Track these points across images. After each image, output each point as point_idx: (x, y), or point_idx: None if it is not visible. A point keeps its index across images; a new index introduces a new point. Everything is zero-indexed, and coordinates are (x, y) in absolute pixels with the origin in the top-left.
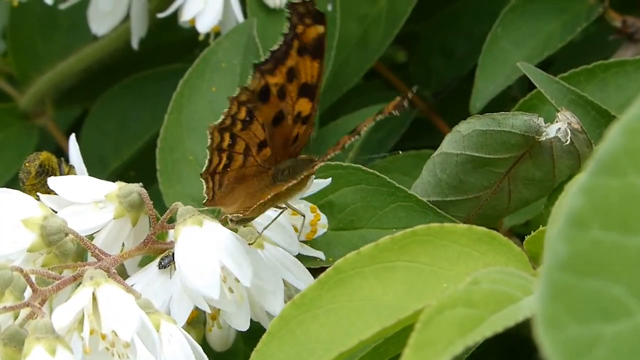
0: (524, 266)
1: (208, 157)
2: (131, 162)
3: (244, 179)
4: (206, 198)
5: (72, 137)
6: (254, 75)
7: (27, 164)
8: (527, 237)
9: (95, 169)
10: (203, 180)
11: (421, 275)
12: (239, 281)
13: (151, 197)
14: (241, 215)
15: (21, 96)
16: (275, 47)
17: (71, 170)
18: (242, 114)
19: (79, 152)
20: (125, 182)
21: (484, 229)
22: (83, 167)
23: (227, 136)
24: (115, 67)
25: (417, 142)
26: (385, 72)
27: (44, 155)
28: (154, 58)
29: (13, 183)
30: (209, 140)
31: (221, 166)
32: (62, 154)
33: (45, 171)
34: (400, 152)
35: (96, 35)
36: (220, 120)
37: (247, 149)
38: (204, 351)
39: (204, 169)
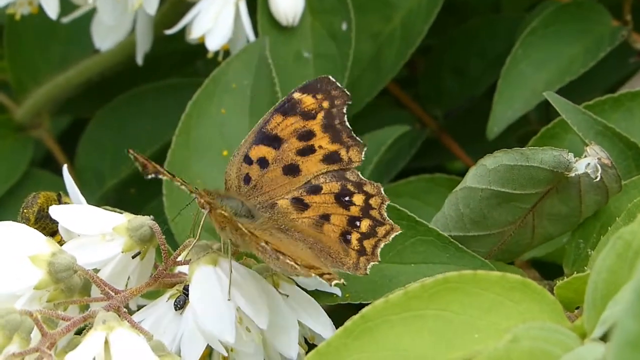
0: (558, 315)
1: None
2: (129, 180)
3: None
4: None
5: (65, 168)
6: None
7: (25, 211)
8: (558, 282)
9: (91, 186)
10: None
11: (452, 325)
12: None
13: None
14: None
15: (17, 107)
16: None
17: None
18: None
19: (75, 186)
20: (125, 199)
21: (517, 276)
22: (82, 199)
23: None
24: (114, 79)
25: (425, 162)
26: (396, 89)
27: (42, 198)
28: (154, 69)
29: (6, 198)
30: None
31: None
32: (52, 161)
33: (45, 215)
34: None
35: (95, 47)
36: None
37: None
38: None
39: None
